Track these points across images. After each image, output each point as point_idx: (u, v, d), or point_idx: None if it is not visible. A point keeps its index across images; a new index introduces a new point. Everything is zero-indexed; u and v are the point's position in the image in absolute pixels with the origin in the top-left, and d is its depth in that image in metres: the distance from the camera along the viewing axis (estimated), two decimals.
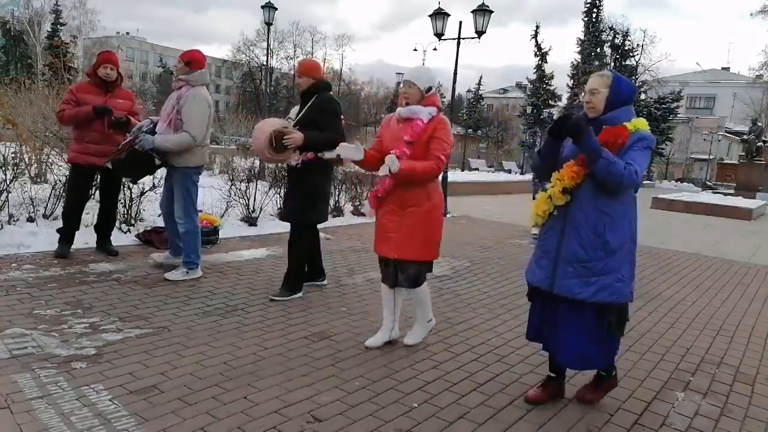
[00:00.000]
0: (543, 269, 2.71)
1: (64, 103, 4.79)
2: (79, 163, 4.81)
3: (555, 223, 2.70)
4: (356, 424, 2.51)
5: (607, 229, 2.58)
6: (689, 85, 45.19)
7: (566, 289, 2.61)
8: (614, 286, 2.60)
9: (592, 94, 2.63)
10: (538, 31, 38.83)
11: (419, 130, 3.20)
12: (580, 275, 2.60)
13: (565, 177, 2.60)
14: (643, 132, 2.59)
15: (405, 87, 3.32)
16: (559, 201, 2.63)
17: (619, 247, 2.61)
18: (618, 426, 2.69)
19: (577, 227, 2.61)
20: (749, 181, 20.89)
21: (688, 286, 5.81)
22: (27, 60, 36.87)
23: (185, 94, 4.34)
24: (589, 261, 2.59)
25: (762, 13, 32.38)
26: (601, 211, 2.58)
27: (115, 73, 4.82)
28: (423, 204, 3.24)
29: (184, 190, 4.47)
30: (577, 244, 2.60)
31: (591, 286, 2.58)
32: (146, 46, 68.20)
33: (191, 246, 4.52)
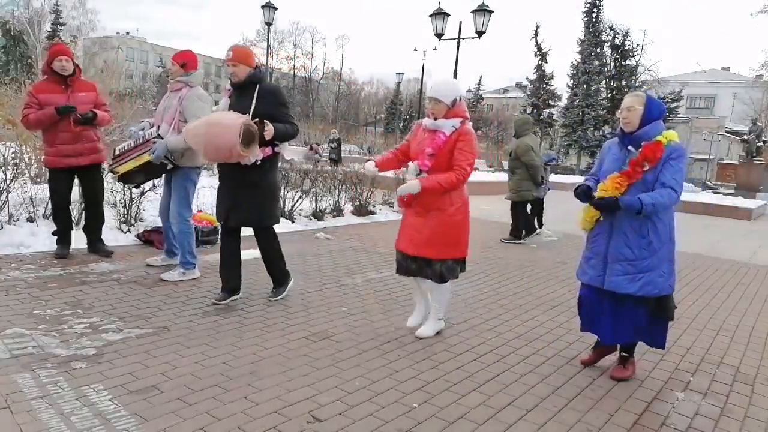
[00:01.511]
0: (594, 268, 3.12)
1: (26, 108, 4.57)
2: (57, 166, 4.69)
3: (603, 227, 3.09)
4: (356, 424, 2.51)
5: (650, 232, 2.98)
6: (689, 85, 45.20)
7: (615, 285, 3.02)
8: (656, 281, 3.01)
9: (629, 110, 2.98)
10: (538, 31, 38.85)
11: (440, 143, 3.35)
12: (627, 272, 2.99)
13: (610, 188, 2.96)
14: (675, 144, 2.93)
15: (431, 104, 3.41)
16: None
17: (660, 247, 3.01)
18: (618, 426, 2.69)
19: (624, 230, 3.00)
20: (749, 181, 20.88)
21: (688, 286, 5.81)
22: (27, 60, 36.81)
23: (187, 95, 4.31)
24: (635, 260, 2.98)
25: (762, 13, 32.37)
26: (645, 215, 2.93)
27: (71, 65, 4.62)
28: (446, 209, 3.42)
29: (183, 189, 4.46)
30: (624, 245, 3.00)
31: (637, 282, 2.98)
32: (146, 46, 68.20)
33: (186, 246, 4.51)
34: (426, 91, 3.49)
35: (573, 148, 36.81)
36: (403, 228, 3.61)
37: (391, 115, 57.14)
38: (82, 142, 4.66)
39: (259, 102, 3.77)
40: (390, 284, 4.95)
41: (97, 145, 4.81)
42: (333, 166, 11.25)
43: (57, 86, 4.62)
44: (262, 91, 3.81)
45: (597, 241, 3.12)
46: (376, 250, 6.38)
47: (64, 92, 4.62)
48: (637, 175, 2.93)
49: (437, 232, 3.43)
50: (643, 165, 2.92)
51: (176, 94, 4.37)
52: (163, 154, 4.19)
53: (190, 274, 4.54)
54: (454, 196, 3.44)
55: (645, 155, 2.91)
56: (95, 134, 4.84)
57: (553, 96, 40.04)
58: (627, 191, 2.94)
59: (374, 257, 6.03)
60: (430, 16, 11.59)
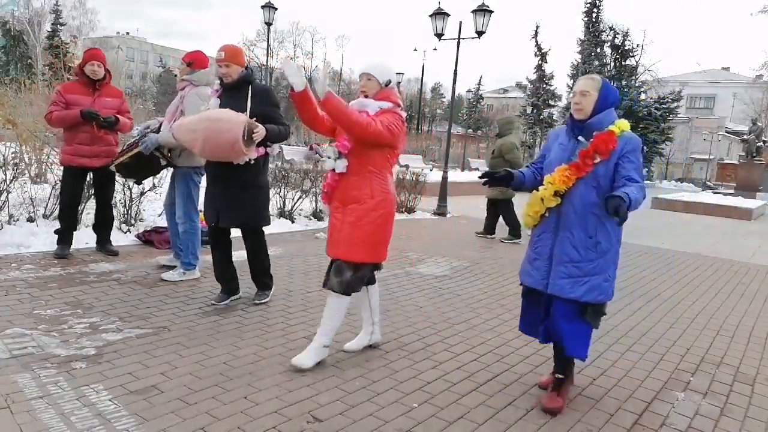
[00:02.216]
0: (538, 270, 2.81)
1: (53, 105, 4.73)
2: (71, 165, 4.78)
3: (547, 224, 2.78)
4: (356, 424, 2.51)
5: (599, 231, 2.67)
6: (689, 85, 45.23)
7: (559, 289, 2.71)
8: (602, 286, 2.70)
9: (582, 95, 2.69)
10: (538, 32, 38.87)
11: None
12: (572, 275, 2.69)
13: (557, 181, 2.67)
14: (628, 134, 2.67)
15: (363, 80, 3.09)
16: (551, 203, 2.71)
17: (608, 248, 2.70)
18: (618, 426, 2.69)
19: (570, 229, 2.69)
20: (749, 181, 20.89)
21: (688, 286, 5.81)
22: (27, 60, 36.84)
23: (188, 93, 4.34)
24: (581, 261, 2.68)
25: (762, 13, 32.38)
26: (593, 213, 2.65)
27: (102, 71, 4.76)
28: (364, 201, 3.00)
29: (185, 189, 4.48)
30: (570, 245, 2.69)
31: (582, 286, 2.67)
32: (146, 46, 68.17)
33: (190, 247, 4.52)
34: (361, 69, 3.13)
35: None
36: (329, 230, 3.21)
37: None
38: (99, 145, 4.73)
39: (253, 102, 3.74)
40: (390, 284, 4.95)
41: (114, 149, 4.87)
42: None
43: (85, 88, 4.75)
44: (255, 91, 3.78)
45: (541, 241, 2.81)
46: None
47: (91, 95, 4.75)
48: (587, 168, 2.63)
49: (352, 229, 3.00)
50: (594, 157, 2.61)
51: (181, 93, 4.42)
52: (152, 146, 4.20)
53: (190, 274, 4.55)
54: (375, 189, 3.01)
55: (596, 147, 2.61)
56: (114, 138, 4.93)
57: (553, 96, 40.05)
58: (575, 185, 2.65)
59: None
60: (430, 16, 11.57)
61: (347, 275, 3.02)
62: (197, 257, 4.61)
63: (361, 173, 3.01)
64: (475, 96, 55.21)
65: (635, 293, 5.30)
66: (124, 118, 4.87)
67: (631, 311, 4.66)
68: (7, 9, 38.89)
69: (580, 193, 2.66)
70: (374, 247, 3.05)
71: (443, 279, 5.28)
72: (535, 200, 2.75)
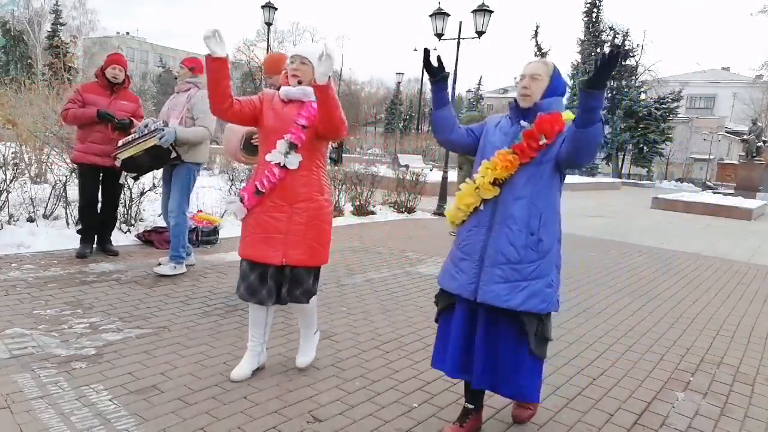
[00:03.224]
0: (465, 273, 2.33)
1: (70, 102, 4.83)
2: (83, 162, 4.84)
3: (480, 218, 2.35)
4: (356, 424, 2.51)
5: (541, 227, 2.27)
6: (689, 85, 45.22)
7: (493, 296, 2.24)
8: (545, 292, 2.27)
9: (533, 79, 2.31)
10: (538, 32, 38.85)
11: (315, 112, 2.69)
12: (509, 279, 2.25)
13: (498, 166, 2.27)
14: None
15: (296, 63, 2.74)
16: (488, 194, 2.31)
17: (550, 247, 2.31)
18: (618, 426, 2.69)
19: (508, 223, 2.27)
20: (749, 181, 20.90)
21: (688, 286, 5.81)
22: (27, 60, 36.86)
23: (195, 94, 4.52)
24: (520, 263, 2.25)
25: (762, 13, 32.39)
26: (536, 205, 2.28)
27: (122, 75, 4.89)
28: (315, 199, 2.76)
29: (185, 183, 4.58)
30: (508, 242, 2.26)
31: (521, 292, 2.23)
32: (146, 46, 68.20)
33: (180, 240, 4.60)
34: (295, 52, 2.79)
35: None
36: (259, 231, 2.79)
37: (391, 115, 57.16)
38: (111, 145, 4.76)
39: None
40: (390, 284, 4.95)
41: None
42: (333, 166, 11.23)
43: (104, 90, 4.85)
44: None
45: (471, 237, 2.35)
46: (376, 250, 6.38)
47: (108, 97, 4.83)
48: (532, 153, 2.25)
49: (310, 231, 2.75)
50: (540, 138, 2.24)
51: (184, 94, 4.59)
52: (172, 138, 4.34)
53: (180, 268, 4.63)
54: (323, 184, 2.82)
55: (541, 126, 2.23)
56: None
57: None
58: (516, 173, 2.28)
59: (374, 257, 6.03)
60: (430, 16, 11.57)
61: (308, 283, 2.80)
62: (187, 252, 4.71)
63: (310, 168, 2.76)
64: (475, 96, 55.19)
65: (635, 293, 5.30)
66: (138, 122, 4.89)
67: (631, 311, 4.66)
68: (7, 9, 38.90)
69: (523, 181, 2.27)
70: (326, 247, 2.84)
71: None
72: (469, 191, 2.35)
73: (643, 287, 5.57)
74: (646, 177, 36.60)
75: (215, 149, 11.53)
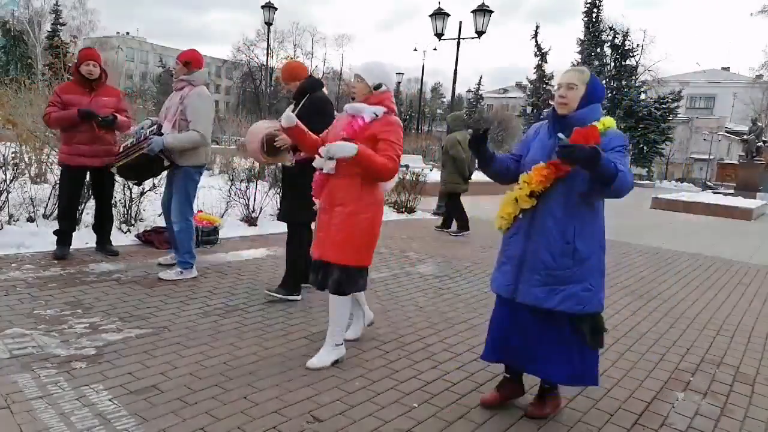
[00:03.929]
0: (506, 275, 2.57)
1: (50, 105, 4.70)
2: (69, 164, 4.76)
3: (520, 227, 2.56)
4: (356, 424, 2.51)
5: (576, 236, 2.44)
6: (689, 85, 45.24)
7: (532, 298, 2.47)
8: (581, 296, 2.44)
9: (569, 88, 2.46)
10: (538, 31, 38.89)
11: (357, 128, 2.92)
12: (546, 283, 2.45)
13: (534, 180, 2.46)
14: (615, 132, 2.45)
15: (354, 80, 3.03)
16: (526, 205, 2.50)
17: (588, 255, 2.46)
18: (618, 426, 2.69)
19: (545, 233, 2.46)
20: (749, 181, 20.90)
21: (688, 286, 5.81)
22: (27, 60, 36.87)
23: (188, 93, 4.34)
24: (556, 269, 2.44)
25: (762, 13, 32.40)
26: (572, 216, 2.44)
27: (98, 70, 4.72)
28: (348, 204, 2.96)
29: (184, 188, 4.48)
30: (545, 250, 2.46)
31: (557, 295, 2.44)
32: (146, 46, 68.20)
33: (185, 246, 4.52)
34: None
35: None
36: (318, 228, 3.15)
37: None
38: (98, 144, 4.71)
39: (301, 111, 3.98)
40: (390, 284, 4.95)
41: (112, 149, 4.84)
42: None
43: (82, 89, 4.72)
44: (307, 101, 4.08)
45: (513, 244, 2.58)
46: (376, 250, 6.36)
47: (87, 95, 4.71)
48: (566, 167, 2.37)
49: (338, 231, 2.97)
50: None
51: (179, 93, 4.42)
52: (157, 148, 4.23)
53: (188, 273, 4.54)
54: (363, 193, 2.97)
55: (576, 142, 2.27)
56: (112, 138, 4.89)
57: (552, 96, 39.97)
58: (553, 186, 2.43)
59: (374, 257, 6.01)
60: (430, 16, 11.58)
61: (336, 276, 3.01)
62: (193, 255, 4.61)
63: (350, 176, 2.93)
64: (475, 96, 55.22)
65: (635, 293, 5.30)
66: (122, 117, 4.83)
67: (631, 311, 4.66)
68: (7, 9, 38.91)
69: (558, 194, 2.44)
70: (358, 249, 3.01)
71: (443, 279, 5.28)
72: (509, 201, 2.56)
73: (643, 287, 5.57)
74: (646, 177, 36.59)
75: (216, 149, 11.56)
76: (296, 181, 4.10)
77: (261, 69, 50.24)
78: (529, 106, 40.20)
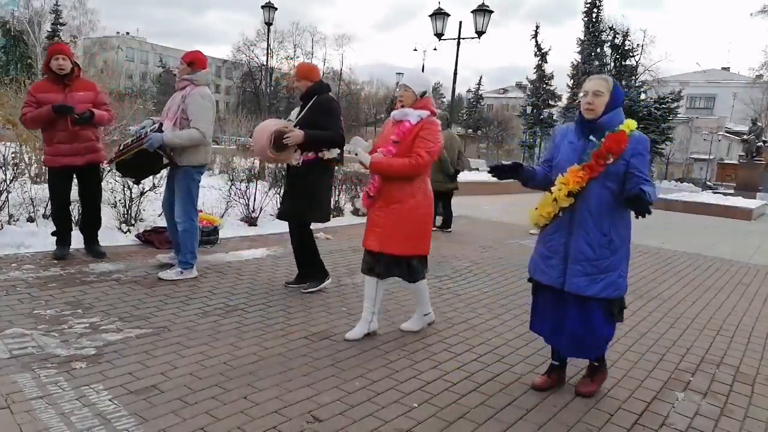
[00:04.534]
0: (554, 269, 2.87)
1: (26, 106, 4.57)
2: (52, 165, 4.67)
3: (561, 224, 2.85)
4: (356, 424, 2.51)
5: (612, 229, 2.76)
6: (689, 85, 45.24)
7: (576, 287, 2.79)
8: (617, 282, 2.80)
9: (596, 95, 2.73)
10: (538, 31, 38.92)
11: (405, 130, 3.38)
12: (588, 273, 2.77)
13: (570, 181, 2.74)
14: (638, 135, 2.74)
15: (401, 90, 3.50)
16: (565, 203, 2.78)
17: (621, 245, 2.80)
18: (618, 426, 2.69)
19: (584, 228, 2.77)
20: (749, 181, 20.91)
21: (688, 286, 5.81)
22: (27, 60, 36.83)
23: (190, 93, 4.35)
24: (597, 259, 2.76)
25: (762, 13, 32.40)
26: (606, 211, 2.75)
27: (68, 64, 4.57)
28: (406, 201, 3.40)
29: (186, 188, 4.47)
30: (585, 243, 2.77)
31: (599, 283, 2.76)
32: (146, 46, 68.15)
33: (188, 246, 4.52)
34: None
35: None
36: (368, 225, 3.56)
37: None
38: (79, 142, 4.61)
39: (309, 111, 4.19)
40: (390, 284, 4.94)
41: (95, 145, 4.77)
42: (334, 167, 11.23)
43: (55, 85, 4.58)
44: (315, 101, 4.21)
45: (554, 239, 2.88)
46: None
47: (61, 91, 4.57)
48: (599, 168, 2.70)
49: (399, 226, 3.40)
50: (607, 157, 2.68)
51: (181, 92, 4.42)
52: (156, 144, 4.22)
53: (188, 273, 4.54)
54: (415, 189, 3.42)
55: (609, 147, 2.67)
56: (94, 134, 4.78)
57: (553, 96, 40.05)
58: (588, 185, 2.73)
59: None
60: (430, 16, 11.58)
61: (405, 268, 3.50)
62: (195, 256, 4.60)
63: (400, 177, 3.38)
64: (475, 96, 55.20)
65: (635, 293, 5.29)
66: (101, 111, 4.68)
67: (631, 311, 4.66)
68: (7, 9, 38.91)
69: (593, 192, 2.73)
70: (416, 241, 3.46)
71: (443, 279, 5.28)
72: (548, 201, 2.83)
73: (643, 287, 5.56)
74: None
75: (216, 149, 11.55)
76: (305, 180, 4.22)
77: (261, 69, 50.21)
78: (529, 106, 40.20)
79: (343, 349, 3.35)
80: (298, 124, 4.14)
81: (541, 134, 40.41)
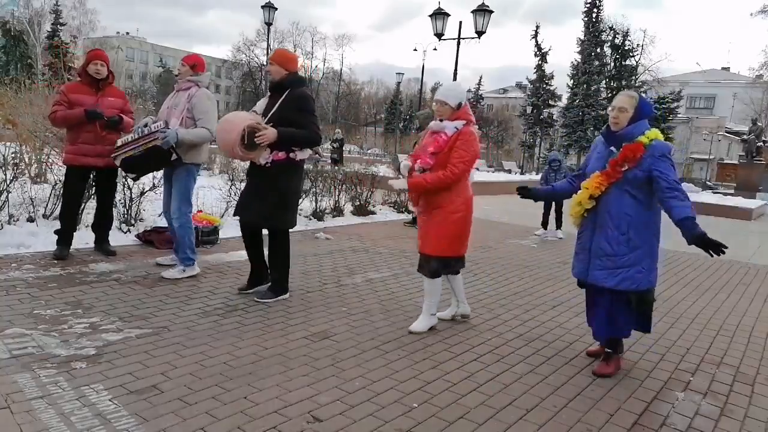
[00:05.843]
0: (581, 262, 3.27)
1: (56, 104, 4.74)
2: (73, 164, 4.78)
3: (587, 223, 3.23)
4: (356, 424, 2.51)
5: (630, 228, 3.05)
6: (689, 85, 45.24)
7: (595, 279, 3.15)
8: (635, 277, 3.07)
9: (620, 111, 3.08)
10: (538, 31, 38.90)
11: (441, 142, 3.54)
12: (606, 267, 3.10)
13: (591, 186, 3.11)
14: (658, 142, 3.03)
15: (437, 105, 3.63)
16: (587, 205, 3.16)
17: (641, 244, 3.07)
18: (618, 426, 2.69)
19: (604, 226, 3.11)
20: (749, 181, 20.91)
21: (688, 286, 5.81)
22: (27, 60, 36.86)
23: (196, 93, 4.44)
24: (615, 255, 3.08)
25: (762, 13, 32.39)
26: (625, 212, 3.06)
27: (105, 70, 4.78)
28: (445, 206, 3.60)
29: (186, 185, 4.53)
30: (605, 240, 3.11)
31: (616, 277, 3.08)
32: (146, 46, 68.16)
33: (186, 242, 4.55)
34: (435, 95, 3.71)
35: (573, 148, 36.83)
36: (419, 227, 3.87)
37: (391, 115, 57.11)
38: (103, 144, 4.73)
39: (283, 106, 3.91)
40: (390, 284, 4.95)
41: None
42: (333, 167, 11.24)
43: (89, 88, 4.76)
44: (289, 96, 3.94)
45: (584, 236, 3.27)
46: (377, 250, 6.38)
47: (94, 95, 4.75)
48: (617, 175, 3.04)
49: (436, 229, 3.62)
50: (623, 165, 3.02)
51: (185, 93, 4.49)
52: (173, 140, 4.28)
53: (191, 270, 4.56)
54: (453, 194, 3.58)
55: (624, 156, 3.03)
56: (116, 139, 4.85)
57: (553, 96, 40.03)
58: (608, 189, 3.07)
59: (374, 257, 6.03)
60: (430, 16, 11.59)
61: (432, 265, 3.70)
62: (195, 252, 4.65)
63: None
64: (475, 96, 55.16)
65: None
66: (128, 117, 4.88)
67: None
68: (7, 9, 38.89)
69: (613, 196, 3.07)
70: (452, 243, 3.66)
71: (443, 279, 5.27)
72: (574, 204, 3.23)
73: None
74: None
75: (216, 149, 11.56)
76: (277, 181, 3.96)
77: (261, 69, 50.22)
78: (529, 106, 40.18)
79: (343, 349, 3.35)
80: (270, 121, 3.86)
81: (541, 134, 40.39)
